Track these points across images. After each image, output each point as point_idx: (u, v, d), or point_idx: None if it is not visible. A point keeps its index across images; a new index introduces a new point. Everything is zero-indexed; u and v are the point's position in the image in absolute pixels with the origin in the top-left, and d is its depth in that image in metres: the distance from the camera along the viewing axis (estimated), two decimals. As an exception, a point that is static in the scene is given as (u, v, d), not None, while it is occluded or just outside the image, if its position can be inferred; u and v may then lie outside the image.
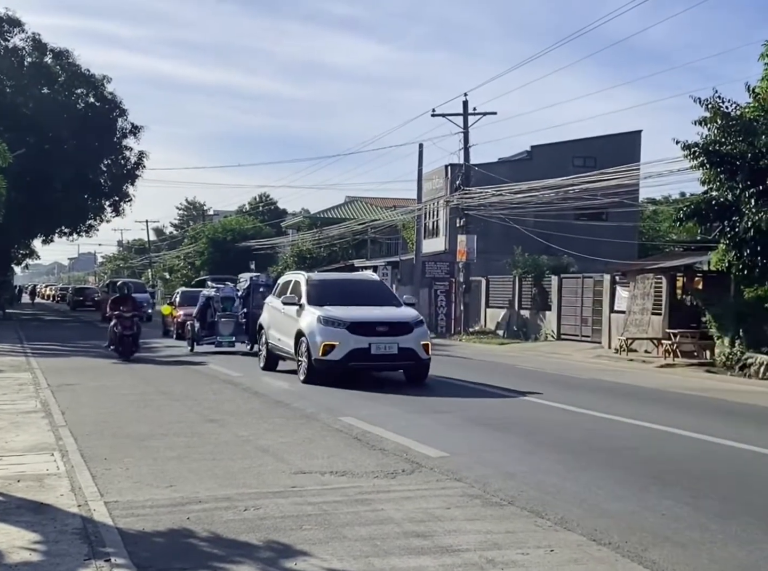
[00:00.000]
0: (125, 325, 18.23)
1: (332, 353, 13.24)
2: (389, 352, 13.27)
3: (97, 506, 5.99)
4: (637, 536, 5.28)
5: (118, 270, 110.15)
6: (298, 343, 13.88)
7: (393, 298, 15.36)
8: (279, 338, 15.14)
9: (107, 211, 46.35)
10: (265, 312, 16.46)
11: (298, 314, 14.21)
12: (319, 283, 15.19)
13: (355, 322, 13.37)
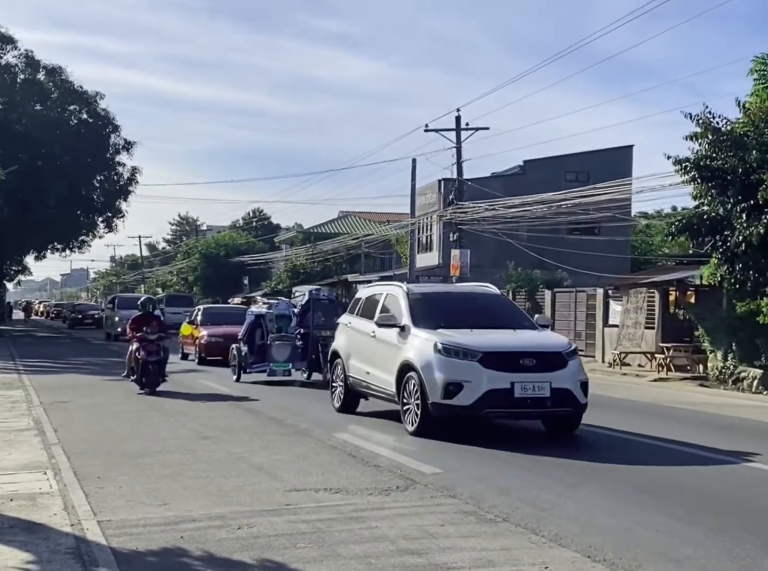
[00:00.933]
0: (150, 350, 14.90)
1: (460, 395, 9.52)
2: (539, 394, 9.55)
3: (90, 525, 5.97)
4: (632, 553, 5.27)
5: (110, 286, 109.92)
6: (404, 380, 10.23)
7: (523, 317, 11.55)
8: (368, 371, 11.44)
9: (100, 227, 46.37)
10: (341, 336, 12.70)
11: (400, 339, 10.61)
12: (425, 297, 11.49)
13: (491, 352, 9.68)
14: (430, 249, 41.17)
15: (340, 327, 12.95)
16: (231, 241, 64.75)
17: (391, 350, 10.73)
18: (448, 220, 33.40)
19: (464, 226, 32.28)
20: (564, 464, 8.34)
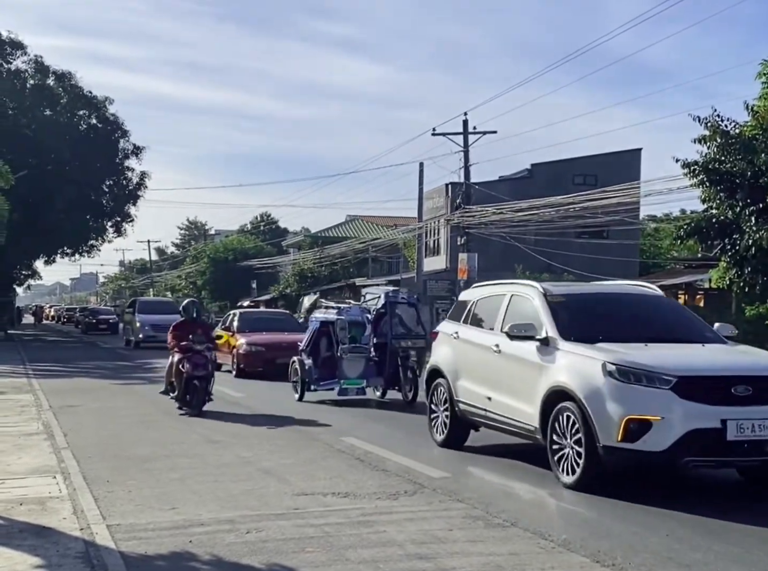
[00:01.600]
0: (197, 362, 12.53)
1: (647, 437, 6.95)
2: (761, 436, 6.91)
3: (100, 529, 5.99)
4: (640, 558, 5.27)
5: (119, 290, 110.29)
6: (554, 412, 7.56)
7: (704, 326, 8.70)
8: (489, 395, 8.74)
9: (109, 231, 46.49)
10: (444, 349, 9.97)
11: (543, 356, 7.91)
12: (571, 299, 8.70)
13: (690, 376, 7.08)
14: (438, 253, 41.17)
15: (441, 338, 10.21)
16: (239, 245, 64.93)
17: (528, 371, 8.08)
18: (455, 224, 33.39)
19: (472, 229, 32.27)
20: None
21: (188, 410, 12.37)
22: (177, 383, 12.66)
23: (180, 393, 12.57)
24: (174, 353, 12.89)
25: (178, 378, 12.60)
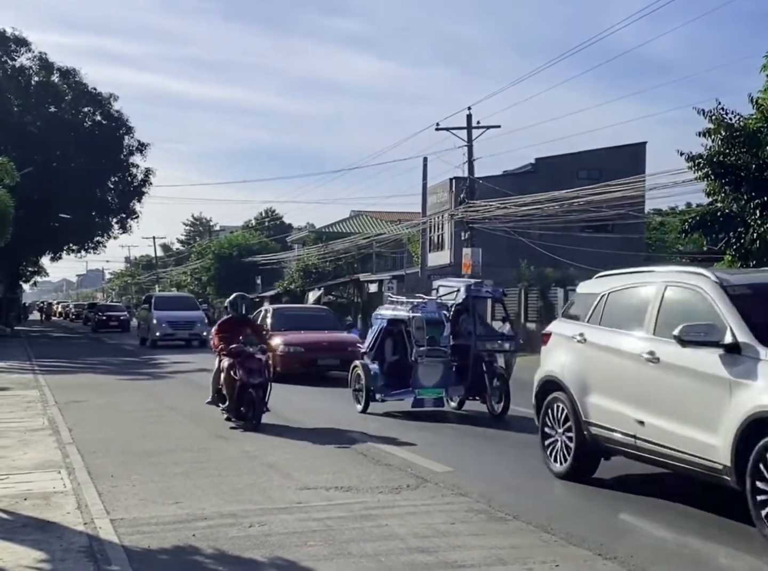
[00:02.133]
0: (251, 367, 10.69)
1: None
2: None
3: (103, 523, 6.01)
4: (645, 552, 5.26)
5: (126, 286, 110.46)
6: (758, 449, 5.56)
7: None
8: (640, 419, 6.72)
9: (114, 228, 46.56)
10: (564, 356, 8.00)
11: (732, 369, 5.93)
12: (759, 291, 6.60)
13: None
14: (442, 248, 41.15)
15: (557, 341, 8.26)
16: (243, 241, 64.91)
17: (708, 388, 6.09)
18: (459, 219, 33.36)
19: (476, 224, 32.24)
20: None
21: (243, 424, 10.65)
22: (228, 393, 10.87)
23: (233, 404, 10.82)
24: (221, 356, 11.13)
25: (230, 387, 10.79)
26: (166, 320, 29.83)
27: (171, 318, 29.82)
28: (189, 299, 35.13)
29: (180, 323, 29.99)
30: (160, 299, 33.14)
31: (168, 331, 29.64)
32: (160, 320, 29.80)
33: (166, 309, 30.37)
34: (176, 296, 42.17)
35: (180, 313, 30.23)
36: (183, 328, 30.04)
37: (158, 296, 35.79)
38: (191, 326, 30.12)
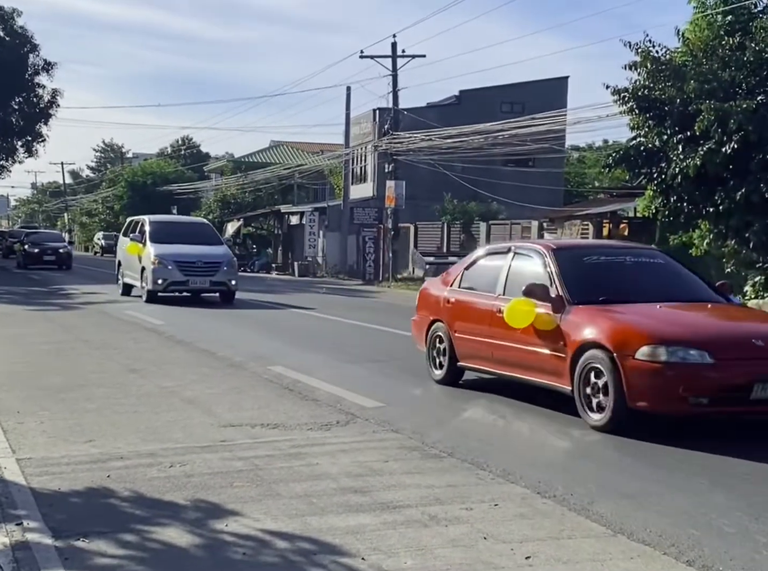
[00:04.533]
0: None
1: None
2: None
3: (8, 463, 5.56)
4: (582, 488, 5.10)
5: (32, 214, 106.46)
6: None
7: None
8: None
9: (20, 151, 44.24)
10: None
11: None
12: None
13: None
14: (365, 180, 40.64)
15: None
16: (158, 169, 62.94)
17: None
18: (383, 150, 32.85)
19: (399, 156, 31.80)
20: (503, 399, 8.15)
21: None
22: None
23: None
24: None
25: None
26: (173, 258, 18.55)
27: (181, 256, 18.60)
28: (205, 228, 21.46)
29: (197, 266, 18.64)
30: (159, 225, 20.23)
31: (178, 277, 18.54)
32: (164, 258, 18.47)
33: (171, 242, 18.98)
34: (186, 221, 24.93)
35: (195, 249, 18.94)
36: (201, 273, 18.69)
37: (155, 221, 20.78)
38: (214, 270, 18.68)
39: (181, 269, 18.35)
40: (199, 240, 19.42)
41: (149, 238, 19.24)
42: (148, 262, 18.60)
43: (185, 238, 19.22)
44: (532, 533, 4.33)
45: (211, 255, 18.70)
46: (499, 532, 4.33)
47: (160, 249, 18.63)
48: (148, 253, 18.67)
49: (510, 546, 4.14)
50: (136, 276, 19.50)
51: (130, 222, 21.84)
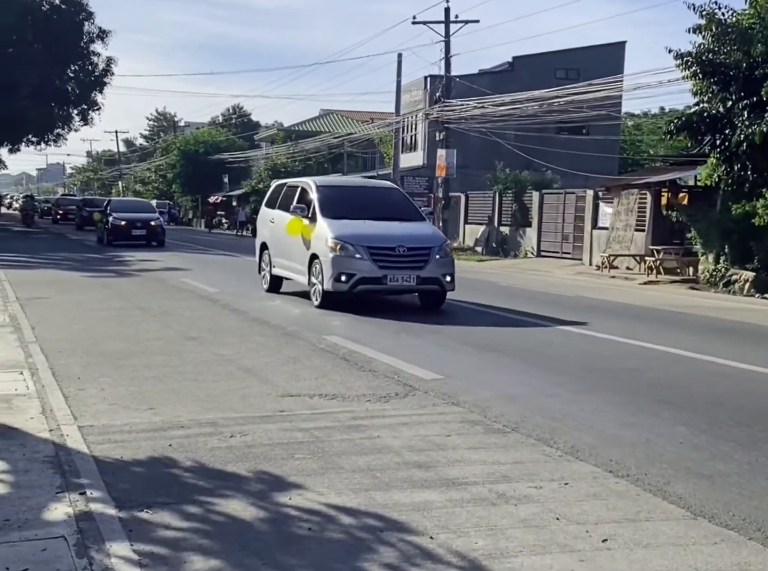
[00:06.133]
0: None
1: None
2: None
3: (71, 431, 5.54)
4: (656, 468, 4.91)
5: (88, 181, 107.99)
6: None
7: None
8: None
9: (75, 119, 44.82)
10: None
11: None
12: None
13: None
14: (415, 149, 40.23)
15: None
16: (210, 138, 63.20)
17: None
18: (434, 118, 32.41)
19: (451, 125, 31.36)
20: (569, 371, 7.97)
21: None
22: None
23: None
24: None
25: None
26: (362, 243, 12.12)
27: (374, 239, 12.25)
28: (397, 195, 14.47)
29: (398, 254, 11.72)
30: (333, 192, 13.80)
31: (371, 271, 11.94)
32: (349, 243, 12.12)
33: (353, 216, 12.87)
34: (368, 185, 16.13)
35: (391, 227, 12.53)
36: (406, 264, 12.10)
37: (328, 184, 14.40)
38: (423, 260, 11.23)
39: (376, 259, 11.91)
40: (391, 214, 13.03)
41: (320, 210, 12.74)
42: (321, 247, 12.30)
43: (372, 212, 12.96)
44: (606, 514, 4.16)
45: (417, 237, 12.42)
46: (572, 512, 4.17)
47: (340, 228, 12.29)
48: (321, 234, 12.39)
49: (585, 528, 3.98)
50: (298, 267, 13.14)
51: (279, 187, 15.18)
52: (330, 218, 12.48)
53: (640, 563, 3.61)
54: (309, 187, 13.43)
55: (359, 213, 12.77)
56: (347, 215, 12.62)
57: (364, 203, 13.25)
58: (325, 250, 12.07)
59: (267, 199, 15.38)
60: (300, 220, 12.97)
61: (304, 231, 12.83)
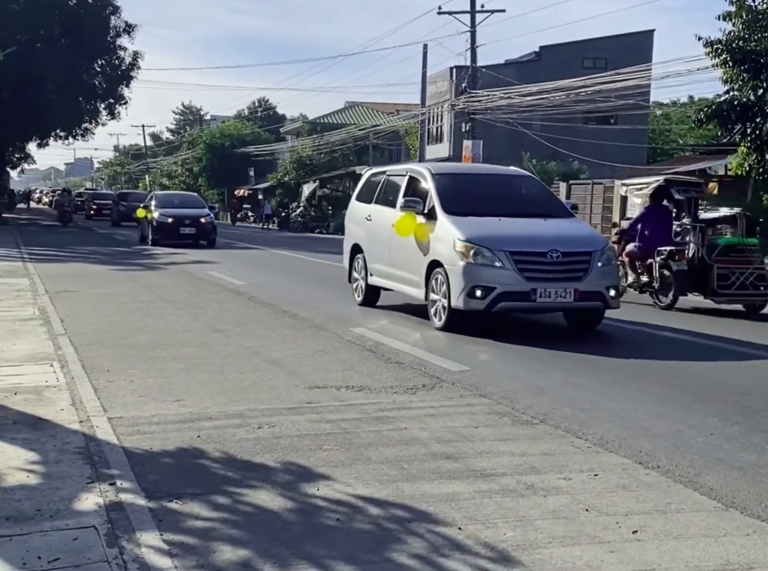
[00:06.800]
0: None
1: None
2: None
3: (100, 422, 5.58)
4: (687, 459, 4.86)
5: (115, 176, 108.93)
6: None
7: None
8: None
9: (102, 114, 45.17)
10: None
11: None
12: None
13: None
14: (441, 140, 40.15)
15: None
16: (236, 131, 63.48)
17: None
18: (460, 109, 32.32)
19: (477, 115, 31.24)
20: (597, 362, 7.92)
21: None
22: None
23: None
24: None
25: None
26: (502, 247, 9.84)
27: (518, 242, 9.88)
28: (532, 184, 11.70)
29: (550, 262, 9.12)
30: (451, 181, 11.00)
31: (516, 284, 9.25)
32: (485, 247, 9.44)
33: (481, 212, 10.21)
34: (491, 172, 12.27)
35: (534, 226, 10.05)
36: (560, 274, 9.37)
37: (444, 172, 11.44)
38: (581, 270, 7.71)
39: (522, 269, 9.20)
40: (530, 208, 10.50)
41: (440, 205, 10.06)
42: (445, 252, 9.58)
43: (506, 206, 10.30)
44: (636, 505, 4.12)
45: (571, 238, 9.73)
46: (601, 504, 4.14)
47: (471, 228, 9.60)
48: (445, 236, 9.69)
49: (615, 519, 3.95)
50: (409, 277, 10.47)
51: (376, 177, 12.40)
52: (455, 215, 9.81)
53: (670, 555, 3.58)
54: (421, 175, 10.83)
55: (490, 208, 10.07)
56: (475, 211, 9.97)
57: (494, 195, 10.61)
58: (452, 257, 9.34)
59: (359, 191, 12.79)
60: (413, 217, 10.23)
61: (418, 232, 10.11)
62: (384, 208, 11.40)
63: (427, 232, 9.97)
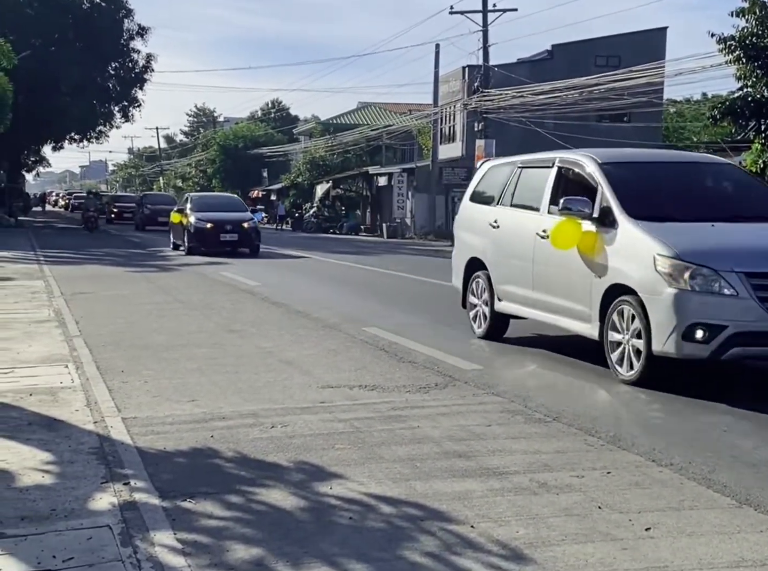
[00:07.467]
0: None
1: None
2: None
3: (115, 422, 5.62)
4: (701, 456, 4.85)
5: (129, 178, 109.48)
6: None
7: None
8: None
9: (117, 116, 45.47)
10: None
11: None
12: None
13: None
14: (453, 140, 40.10)
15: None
16: (249, 132, 63.69)
17: None
18: (472, 109, 32.31)
19: (490, 115, 31.21)
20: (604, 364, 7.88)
21: None
22: None
23: None
24: None
25: None
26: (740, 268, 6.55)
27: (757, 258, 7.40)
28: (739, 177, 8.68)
29: None
30: (633, 171, 8.02)
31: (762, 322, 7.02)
32: (719, 267, 6.40)
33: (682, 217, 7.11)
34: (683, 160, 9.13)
35: None
36: None
37: (620, 159, 8.29)
38: None
39: (764, 298, 6.31)
40: (745, 209, 7.62)
41: (620, 207, 7.21)
42: (637, 273, 6.80)
43: (713, 208, 7.52)
44: (649, 503, 4.11)
45: None
46: (614, 501, 4.13)
47: (678, 238, 6.77)
48: (634, 250, 6.94)
49: (628, 516, 3.94)
50: (569, 306, 7.70)
51: (502, 171, 9.38)
52: (645, 220, 7.00)
53: (684, 552, 3.57)
54: (581, 166, 7.89)
55: (694, 210, 7.35)
56: (673, 214, 7.19)
57: (694, 192, 7.85)
58: (650, 281, 6.59)
59: (474, 188, 9.88)
60: (577, 224, 7.43)
61: (585, 243, 7.33)
62: (520, 211, 8.65)
63: (600, 244, 7.15)
